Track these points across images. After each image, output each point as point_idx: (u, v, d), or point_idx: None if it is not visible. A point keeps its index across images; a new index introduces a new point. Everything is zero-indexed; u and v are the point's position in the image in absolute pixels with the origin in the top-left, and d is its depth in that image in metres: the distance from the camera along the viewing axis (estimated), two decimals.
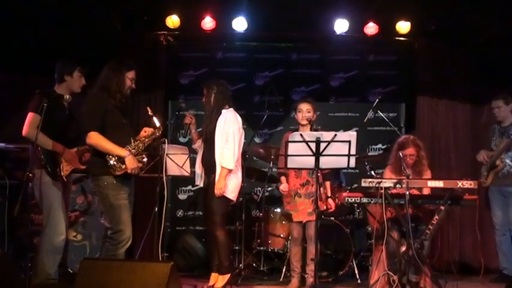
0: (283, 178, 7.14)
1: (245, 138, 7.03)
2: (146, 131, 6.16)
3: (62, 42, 7.99)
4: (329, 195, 7.12)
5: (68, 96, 6.31)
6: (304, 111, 7.02)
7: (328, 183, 7.15)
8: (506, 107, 7.77)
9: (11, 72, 8.16)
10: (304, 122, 7.01)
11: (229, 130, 6.64)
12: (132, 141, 6.01)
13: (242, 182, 6.94)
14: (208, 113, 6.82)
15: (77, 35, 8.20)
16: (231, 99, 6.89)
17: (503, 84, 8.25)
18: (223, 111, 6.76)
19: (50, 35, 8.05)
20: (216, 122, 6.70)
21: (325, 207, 7.03)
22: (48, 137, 6.11)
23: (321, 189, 6.70)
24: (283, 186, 7.12)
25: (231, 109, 6.82)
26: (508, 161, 7.70)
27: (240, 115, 6.88)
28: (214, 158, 6.65)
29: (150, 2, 8.06)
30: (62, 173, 6.22)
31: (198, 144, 6.96)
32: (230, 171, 6.61)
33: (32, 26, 7.99)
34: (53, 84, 6.39)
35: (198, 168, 6.91)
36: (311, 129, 6.95)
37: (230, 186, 6.66)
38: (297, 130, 6.96)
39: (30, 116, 6.12)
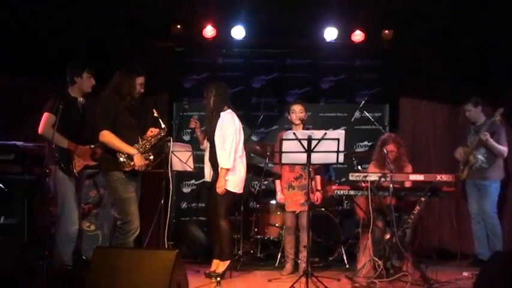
0: (278, 191, 7.22)
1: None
2: (152, 131, 6.18)
3: (76, 49, 8.00)
4: (319, 188, 7.14)
5: (81, 99, 6.36)
6: (298, 111, 7.03)
7: (318, 177, 7.17)
8: (476, 109, 7.80)
9: (29, 76, 8.16)
10: (297, 121, 7.03)
11: (226, 132, 6.67)
12: (140, 140, 6.05)
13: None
14: (209, 114, 6.84)
15: (90, 43, 8.21)
16: (230, 101, 6.91)
17: (479, 86, 8.24)
18: (222, 113, 6.77)
19: (64, 43, 8.05)
20: (215, 124, 6.73)
21: (315, 199, 7.05)
22: (63, 136, 6.13)
23: (312, 182, 6.72)
24: (280, 198, 7.22)
25: (229, 110, 6.83)
26: (480, 156, 7.73)
27: (239, 115, 6.90)
28: (217, 158, 6.69)
29: (157, 12, 8.04)
30: (75, 169, 6.24)
31: (205, 145, 7.01)
32: (228, 170, 6.63)
33: (48, 34, 8.00)
34: (65, 86, 6.41)
35: (206, 166, 6.96)
36: (303, 128, 6.98)
37: (232, 181, 6.70)
38: (290, 129, 6.96)
39: (45, 115, 6.15)
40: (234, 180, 6.73)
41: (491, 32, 8.08)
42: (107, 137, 5.87)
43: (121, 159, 5.85)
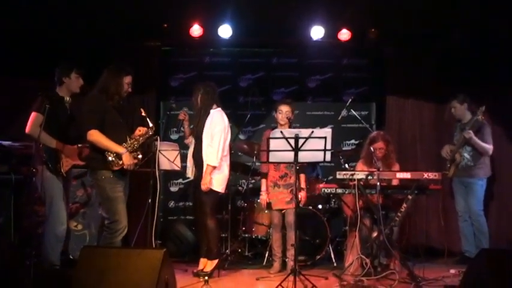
0: (263, 191, 7.23)
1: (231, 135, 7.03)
2: (141, 130, 6.18)
3: (63, 49, 7.97)
4: (303, 186, 7.13)
5: (68, 98, 6.36)
6: (284, 112, 7.02)
7: (302, 176, 7.15)
8: (461, 106, 7.82)
9: (16, 76, 8.10)
10: (283, 122, 7.02)
11: (215, 130, 6.66)
12: (128, 139, 6.04)
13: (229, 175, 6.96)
14: (197, 112, 6.83)
15: (77, 43, 8.18)
16: (218, 100, 6.90)
17: (464, 85, 8.28)
18: (212, 111, 6.77)
19: (51, 43, 8.02)
20: (204, 122, 6.71)
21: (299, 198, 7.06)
22: (50, 135, 6.11)
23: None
24: (262, 199, 7.25)
25: (219, 109, 6.83)
26: (466, 154, 7.76)
27: (226, 114, 6.89)
28: (202, 155, 6.67)
29: (145, 11, 8.01)
30: (62, 169, 6.22)
31: (190, 140, 6.98)
32: (214, 167, 6.62)
33: (35, 34, 7.96)
34: (54, 86, 6.39)
35: (189, 162, 6.92)
36: (290, 127, 6.97)
37: (217, 180, 6.68)
38: (276, 128, 6.96)
39: (33, 115, 6.14)
40: (218, 179, 6.71)
41: (475, 32, 8.13)
42: (95, 136, 5.85)
43: (109, 158, 5.84)
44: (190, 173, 6.95)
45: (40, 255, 6.19)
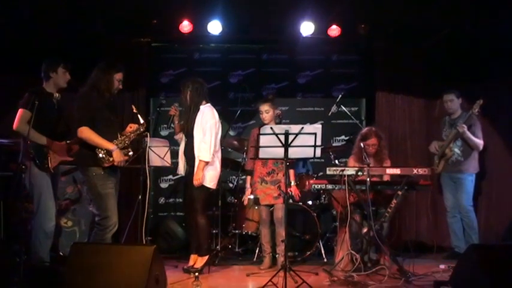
0: (247, 189, 7.30)
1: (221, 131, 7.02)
2: (131, 127, 6.20)
3: (51, 46, 7.91)
4: (292, 182, 7.15)
5: (57, 95, 6.32)
6: (264, 111, 7.04)
7: (292, 171, 7.20)
8: (457, 100, 7.85)
9: (3, 73, 8.05)
10: (268, 120, 7.01)
11: (207, 125, 6.63)
12: (119, 136, 6.04)
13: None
14: (187, 109, 6.80)
15: (66, 39, 8.13)
16: (207, 96, 6.88)
17: (453, 81, 8.31)
18: (201, 107, 6.75)
19: (39, 40, 7.98)
20: (195, 118, 6.69)
21: (290, 193, 7.08)
22: (39, 132, 6.07)
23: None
24: (247, 195, 7.39)
25: (208, 104, 6.81)
26: (456, 149, 7.78)
27: (216, 110, 6.87)
28: (194, 151, 6.65)
29: (134, 8, 7.99)
30: (50, 165, 6.18)
31: (180, 136, 6.95)
32: (207, 163, 6.61)
33: (21, 30, 7.90)
34: (41, 83, 6.35)
35: (181, 159, 6.90)
36: (280, 123, 6.97)
37: (208, 176, 6.67)
38: (264, 125, 6.88)
39: (20, 111, 6.09)
40: (210, 175, 6.70)
41: (465, 28, 8.15)
42: (86, 133, 5.86)
43: (100, 155, 5.85)
44: (182, 170, 6.92)
45: (29, 252, 6.16)
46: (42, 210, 6.13)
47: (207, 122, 6.65)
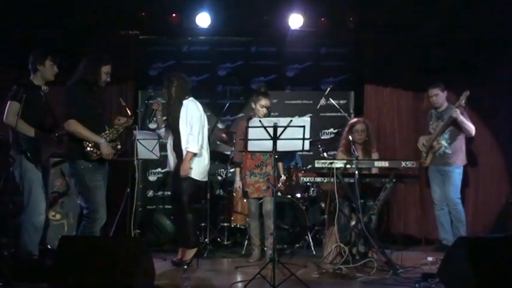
0: (237, 180, 7.33)
1: (209, 124, 7.00)
2: (119, 120, 6.20)
3: (40, 38, 7.89)
4: (281, 174, 7.17)
5: (45, 87, 6.27)
6: (265, 107, 7.03)
7: (280, 164, 7.30)
8: (443, 94, 7.88)
9: None
10: (264, 114, 7.00)
11: (193, 118, 6.61)
12: (107, 129, 6.02)
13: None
14: (171, 104, 6.75)
15: (54, 32, 8.09)
16: (190, 91, 6.85)
17: (442, 74, 8.34)
18: (184, 101, 6.72)
19: (26, 32, 7.95)
20: (179, 113, 6.66)
21: (280, 185, 7.12)
22: (28, 124, 6.04)
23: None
24: (237, 186, 7.36)
25: (191, 98, 6.78)
26: (443, 142, 7.81)
27: (204, 103, 6.91)
28: (181, 146, 6.64)
29: (122, 0, 7.96)
30: (42, 158, 6.15)
31: (162, 130, 6.92)
32: (195, 154, 6.60)
33: (9, 22, 7.87)
34: (28, 75, 6.31)
35: (170, 155, 6.88)
36: (268, 116, 6.98)
37: (197, 168, 6.65)
38: (250, 118, 6.87)
39: (9, 104, 6.04)
40: (198, 168, 6.69)
41: (454, 21, 8.18)
42: (73, 126, 5.84)
43: (88, 148, 5.84)
44: (172, 166, 6.89)
45: (18, 245, 6.14)
46: (32, 204, 6.09)
47: (193, 116, 6.62)
